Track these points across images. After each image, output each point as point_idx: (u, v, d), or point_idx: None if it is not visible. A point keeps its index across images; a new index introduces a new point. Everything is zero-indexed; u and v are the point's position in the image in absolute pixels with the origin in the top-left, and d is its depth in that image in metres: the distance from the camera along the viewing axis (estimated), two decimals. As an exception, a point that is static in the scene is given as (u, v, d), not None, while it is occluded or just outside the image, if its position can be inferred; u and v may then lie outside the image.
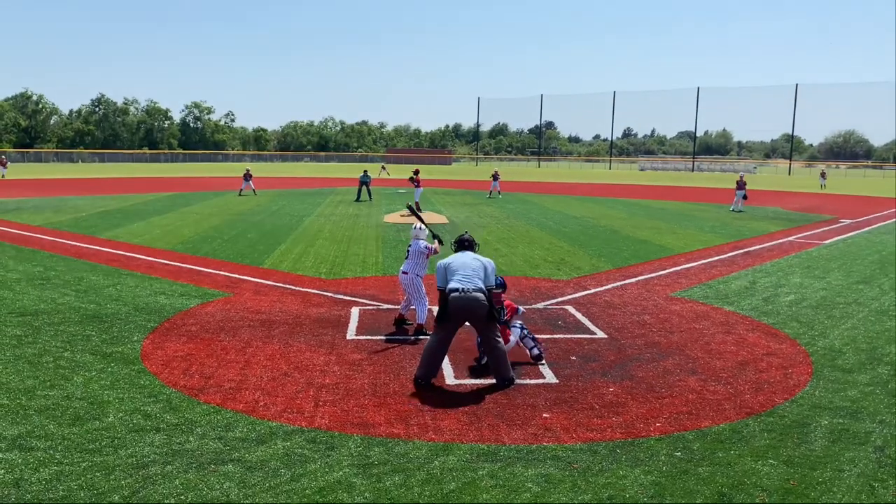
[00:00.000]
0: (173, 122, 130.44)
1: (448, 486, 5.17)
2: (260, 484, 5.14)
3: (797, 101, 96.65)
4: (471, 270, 7.46)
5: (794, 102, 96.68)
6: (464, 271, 7.45)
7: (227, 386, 7.24)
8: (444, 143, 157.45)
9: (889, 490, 5.21)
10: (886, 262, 16.35)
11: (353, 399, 6.92)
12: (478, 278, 7.42)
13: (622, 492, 5.13)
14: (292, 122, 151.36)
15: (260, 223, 23.06)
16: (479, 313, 7.33)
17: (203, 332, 9.34)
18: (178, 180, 52.28)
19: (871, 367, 8.25)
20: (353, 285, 12.72)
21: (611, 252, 17.48)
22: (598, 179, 66.76)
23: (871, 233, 22.91)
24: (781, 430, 6.32)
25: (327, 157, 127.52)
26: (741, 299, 11.96)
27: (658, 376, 7.80)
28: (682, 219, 27.03)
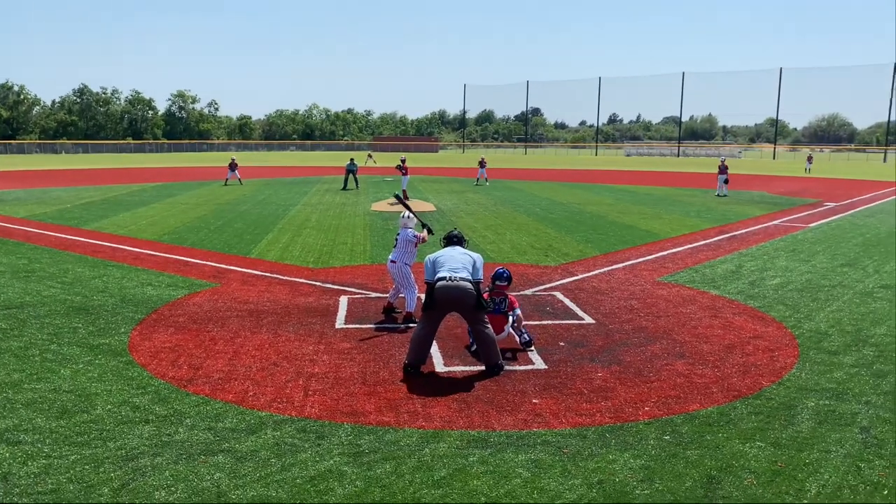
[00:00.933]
0: (157, 112, 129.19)
1: (439, 472, 5.19)
2: (250, 474, 5.14)
3: (782, 85, 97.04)
4: (459, 263, 7.49)
5: (778, 86, 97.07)
6: (451, 263, 7.48)
7: (215, 377, 7.21)
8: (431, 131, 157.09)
9: (875, 470, 5.28)
10: (870, 245, 16.50)
11: (343, 388, 6.92)
12: (465, 270, 7.43)
13: (612, 476, 5.17)
14: (277, 111, 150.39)
15: (246, 213, 22.93)
16: (466, 301, 7.34)
17: (191, 322, 9.29)
18: (163, 170, 51.86)
19: (857, 348, 8.33)
20: (341, 274, 12.69)
21: (598, 238, 17.53)
22: (584, 165, 66.85)
23: (854, 216, 23.10)
24: (768, 413, 6.38)
25: (313, 146, 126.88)
26: (727, 283, 12.04)
27: (646, 361, 7.84)
28: (668, 204, 27.13)
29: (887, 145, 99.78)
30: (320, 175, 46.22)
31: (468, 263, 7.51)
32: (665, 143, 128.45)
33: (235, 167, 36.77)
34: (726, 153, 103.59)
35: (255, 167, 54.33)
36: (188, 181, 39.42)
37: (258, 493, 4.86)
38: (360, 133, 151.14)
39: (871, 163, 79.92)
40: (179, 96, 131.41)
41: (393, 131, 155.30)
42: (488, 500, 4.81)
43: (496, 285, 8.25)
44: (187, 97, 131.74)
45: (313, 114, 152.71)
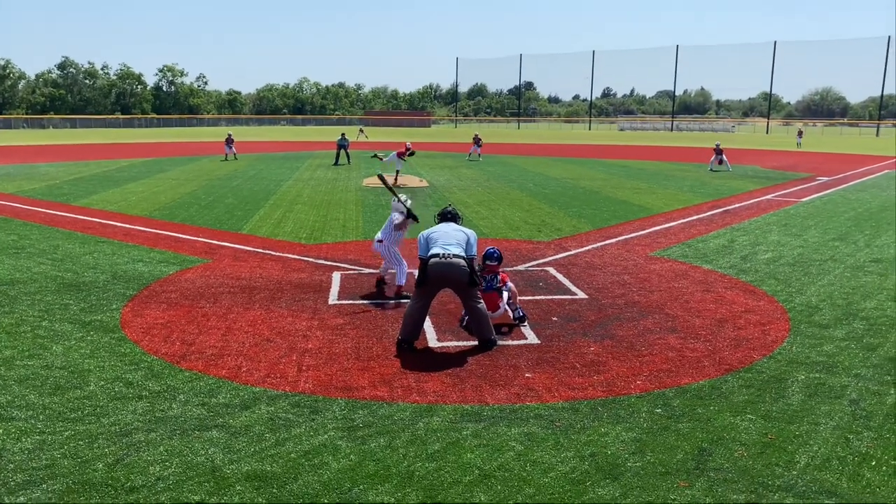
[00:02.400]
0: (146, 87, 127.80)
1: (432, 446, 5.22)
2: (245, 449, 5.15)
3: (775, 58, 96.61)
4: (452, 240, 7.46)
5: (772, 60, 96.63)
6: (444, 240, 7.45)
7: (208, 352, 7.21)
8: (423, 105, 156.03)
9: (863, 442, 5.34)
10: (862, 219, 16.57)
11: (337, 363, 6.93)
12: (458, 247, 7.41)
13: (604, 449, 5.21)
14: (267, 85, 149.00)
15: (237, 188, 22.80)
16: (459, 278, 7.33)
17: (183, 298, 9.27)
18: (153, 146, 51.44)
19: (847, 322, 8.40)
20: (333, 250, 12.67)
21: (591, 213, 17.53)
22: (577, 140, 66.67)
23: (846, 190, 23.16)
24: (759, 386, 6.44)
25: (304, 121, 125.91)
26: (720, 258, 12.08)
27: (638, 335, 7.88)
28: (661, 179, 27.12)
29: (880, 120, 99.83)
30: (311, 150, 45.96)
31: (461, 240, 7.49)
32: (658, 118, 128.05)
33: (232, 142, 36.57)
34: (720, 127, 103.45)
35: (246, 142, 53.94)
36: (178, 156, 39.12)
37: (252, 468, 4.88)
38: (352, 107, 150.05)
39: (863, 137, 79.97)
40: (168, 70, 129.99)
41: (385, 106, 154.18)
42: (482, 472, 4.84)
43: (486, 265, 8.28)
44: (176, 71, 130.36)
45: (303, 88, 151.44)
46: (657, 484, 4.72)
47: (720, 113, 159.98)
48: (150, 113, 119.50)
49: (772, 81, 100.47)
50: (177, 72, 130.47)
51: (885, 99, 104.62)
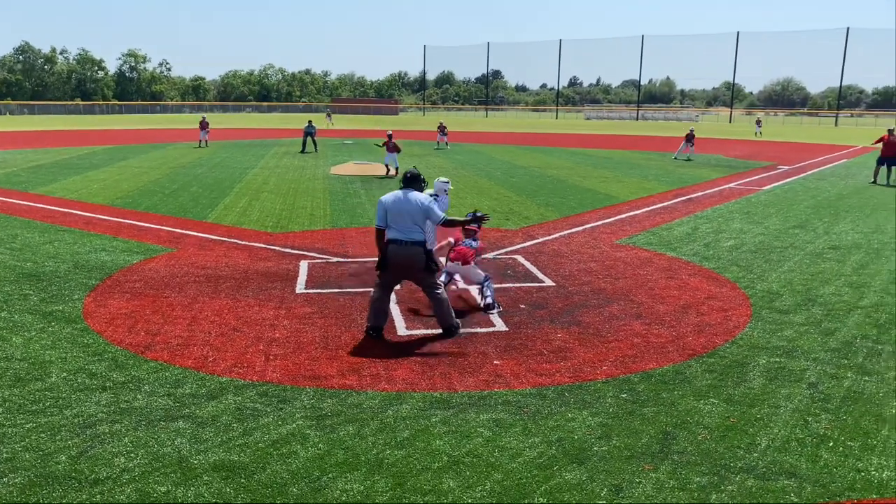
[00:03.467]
0: (107, 73, 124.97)
1: (401, 434, 5.24)
2: (212, 439, 5.12)
3: (738, 49, 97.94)
4: (409, 221, 7.22)
5: (735, 50, 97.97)
6: (402, 222, 7.23)
7: (174, 342, 7.12)
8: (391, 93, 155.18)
9: (822, 423, 5.49)
10: (821, 207, 16.95)
11: (305, 352, 6.91)
12: (416, 230, 7.25)
13: (571, 434, 5.28)
14: (231, 71, 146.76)
15: (202, 176, 22.48)
16: (415, 265, 7.29)
17: (147, 288, 9.14)
18: (115, 133, 50.41)
19: (806, 307, 8.60)
20: (300, 239, 12.58)
21: (558, 201, 17.65)
22: (545, 129, 66.96)
23: (806, 179, 23.65)
24: (722, 371, 6.57)
25: (270, 108, 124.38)
26: (683, 245, 12.26)
27: (604, 321, 7.98)
28: (626, 167, 27.39)
29: (839, 110, 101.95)
30: (277, 137, 45.45)
31: (419, 218, 7.23)
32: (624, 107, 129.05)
33: (207, 127, 35.99)
34: (684, 116, 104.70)
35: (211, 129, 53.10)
36: (141, 143, 38.40)
37: (220, 458, 4.85)
38: (318, 94, 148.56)
39: (823, 127, 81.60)
40: (130, 56, 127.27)
41: (352, 93, 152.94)
42: (450, 459, 4.88)
43: (467, 229, 8.66)
44: (139, 57, 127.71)
45: (269, 74, 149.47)
46: (623, 468, 4.80)
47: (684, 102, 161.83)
48: (112, 99, 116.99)
49: (735, 71, 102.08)
50: (139, 57, 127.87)
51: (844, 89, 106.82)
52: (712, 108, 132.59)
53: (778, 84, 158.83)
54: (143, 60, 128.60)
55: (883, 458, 4.95)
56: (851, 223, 14.73)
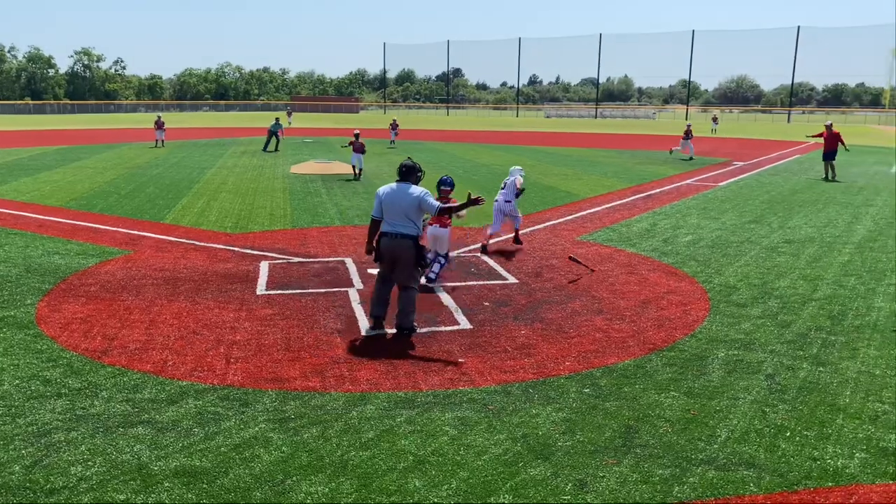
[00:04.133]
0: (58, 71, 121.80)
1: (366, 434, 5.21)
2: (172, 444, 5.02)
3: (694, 47, 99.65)
4: (402, 214, 7.26)
5: (690, 49, 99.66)
6: (395, 215, 7.28)
7: (132, 347, 6.97)
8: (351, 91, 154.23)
9: (779, 414, 5.62)
10: (775, 202, 17.34)
11: (266, 354, 6.82)
12: (408, 224, 7.27)
13: (535, 430, 5.31)
14: (187, 70, 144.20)
15: (159, 177, 22.06)
16: (405, 257, 7.30)
17: (103, 291, 8.93)
18: (67, 133, 49.16)
19: (763, 300, 8.79)
20: (260, 239, 12.42)
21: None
22: (505, 127, 67.26)
23: (761, 174, 24.18)
24: (682, 364, 6.67)
25: (227, 106, 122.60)
26: (643, 241, 12.44)
27: (566, 317, 8.05)
28: (586, 165, 27.67)
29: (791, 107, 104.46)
30: (236, 136, 44.84)
31: (412, 212, 7.26)
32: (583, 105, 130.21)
33: (163, 126, 35.24)
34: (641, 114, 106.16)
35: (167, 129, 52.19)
36: (95, 144, 37.52)
37: (181, 464, 4.76)
38: (277, 93, 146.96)
39: (776, 123, 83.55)
40: (84, 54, 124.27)
41: (311, 91, 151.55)
42: (416, 458, 4.86)
43: (441, 190, 9.62)
44: (92, 55, 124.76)
45: (226, 72, 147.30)
46: (587, 462, 4.84)
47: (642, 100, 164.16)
48: (64, 98, 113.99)
49: (690, 69, 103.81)
50: (93, 56, 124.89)
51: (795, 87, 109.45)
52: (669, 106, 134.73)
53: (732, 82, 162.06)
54: (97, 59, 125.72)
55: (838, 446, 5.08)
56: (805, 217, 15.10)
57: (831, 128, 23.01)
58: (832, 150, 22.68)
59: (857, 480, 4.63)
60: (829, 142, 22.75)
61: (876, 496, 4.46)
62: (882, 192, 19.72)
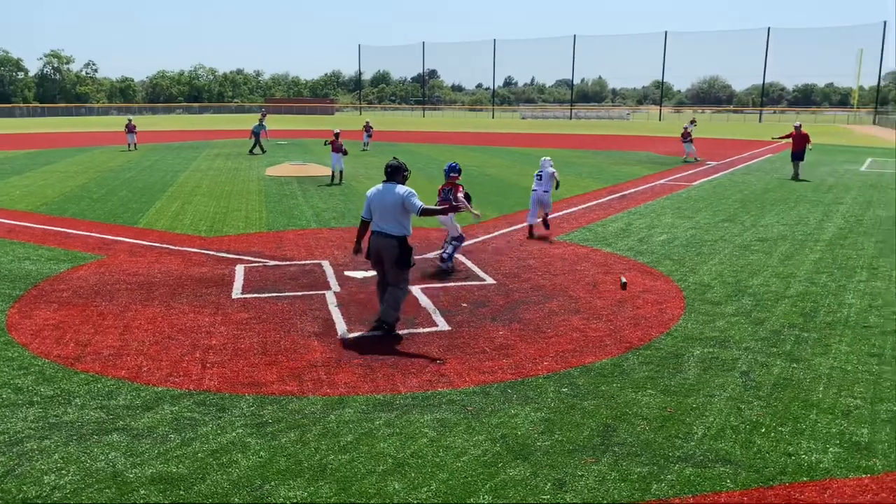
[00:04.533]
0: (28, 74, 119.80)
1: (345, 438, 5.18)
2: (148, 451, 4.96)
3: (667, 48, 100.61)
4: (387, 214, 7.35)
5: (663, 50, 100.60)
6: (381, 215, 7.39)
7: (106, 353, 6.88)
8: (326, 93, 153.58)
9: (754, 410, 5.69)
10: (748, 201, 17.57)
11: (243, 359, 6.76)
12: (393, 224, 7.33)
13: (514, 430, 5.33)
14: (160, 72, 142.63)
15: (132, 180, 21.79)
16: (389, 256, 7.35)
17: (76, 297, 8.79)
18: (37, 136, 48.37)
19: (737, 298, 8.89)
20: (236, 242, 12.32)
21: (497, 200, 17.78)
22: (482, 128, 67.40)
23: (733, 174, 24.48)
24: (658, 362, 6.73)
25: (201, 109, 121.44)
26: (618, 241, 12.53)
27: (544, 317, 8.08)
28: (562, 166, 27.78)
29: (762, 106, 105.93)
30: (210, 139, 44.44)
31: (397, 211, 7.32)
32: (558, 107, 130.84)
33: (134, 130, 34.65)
34: (616, 115, 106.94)
35: (140, 132, 51.57)
36: (66, 147, 36.96)
37: (157, 471, 4.70)
38: (251, 95, 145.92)
39: (748, 123, 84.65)
40: (54, 56, 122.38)
41: (286, 93, 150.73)
42: (395, 461, 4.85)
43: (449, 176, 10.38)
44: (62, 58, 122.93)
45: (199, 75, 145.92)
46: (566, 461, 4.86)
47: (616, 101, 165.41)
48: (33, 102, 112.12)
49: (663, 70, 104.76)
50: (63, 58, 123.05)
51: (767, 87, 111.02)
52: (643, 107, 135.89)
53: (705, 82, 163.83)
54: (67, 61, 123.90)
55: (812, 441, 5.16)
56: (777, 216, 15.32)
57: (800, 128, 23.33)
58: (801, 150, 22.95)
59: (831, 475, 4.71)
60: (798, 142, 23.01)
61: (849, 490, 4.53)
62: (851, 189, 20.07)
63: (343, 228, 13.72)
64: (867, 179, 22.86)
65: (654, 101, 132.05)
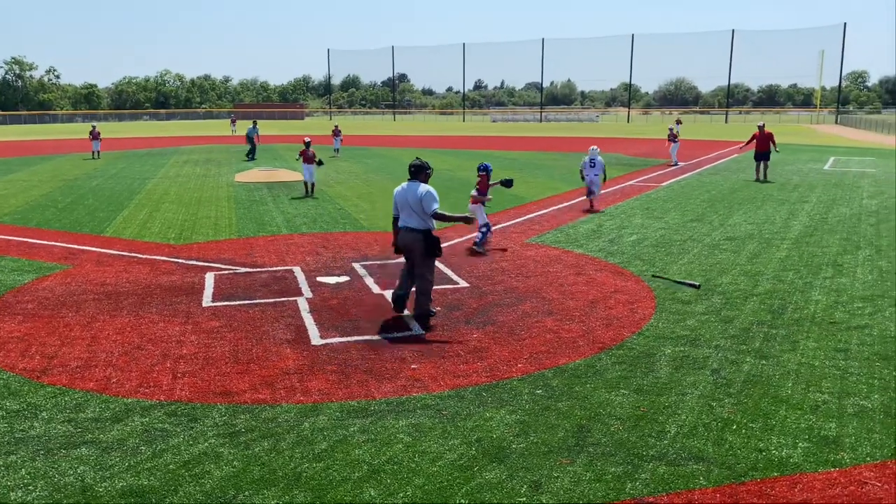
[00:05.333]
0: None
1: (319, 445, 5.14)
2: (118, 464, 4.87)
3: (634, 50, 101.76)
4: (411, 211, 7.93)
5: (630, 52, 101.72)
6: (407, 212, 7.99)
7: (73, 365, 6.74)
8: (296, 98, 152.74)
9: (725, 408, 5.76)
10: (715, 201, 17.82)
11: (214, 368, 6.68)
12: (416, 219, 7.91)
13: (489, 433, 5.33)
14: (126, 78, 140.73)
15: (98, 188, 21.44)
16: (416, 249, 7.96)
17: (41, 308, 8.62)
18: (-1, 145, 47.35)
19: (706, 297, 9.01)
20: (205, 250, 12.18)
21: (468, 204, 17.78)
22: (452, 132, 67.52)
23: (701, 174, 24.81)
24: (631, 362, 6.79)
25: (168, 115, 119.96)
26: (589, 242, 12.62)
27: (518, 319, 8.10)
28: (533, 168, 27.96)
29: (728, 107, 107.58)
30: (178, 146, 43.90)
31: (417, 207, 7.86)
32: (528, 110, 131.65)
33: (98, 136, 34.03)
34: (585, 117, 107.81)
35: (106, 139, 50.76)
36: (29, 156, 36.25)
37: (128, 484, 4.62)
38: (220, 100, 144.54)
39: (714, 124, 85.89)
40: (15, 63, 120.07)
41: (255, 98, 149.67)
42: (371, 468, 4.82)
43: (480, 175, 12.49)
44: (24, 64, 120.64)
45: (166, 81, 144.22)
46: (541, 463, 4.88)
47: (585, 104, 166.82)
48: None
49: (631, 72, 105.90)
50: (24, 65, 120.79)
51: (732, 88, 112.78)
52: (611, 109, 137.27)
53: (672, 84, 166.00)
54: (30, 68, 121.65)
55: (782, 437, 5.24)
56: (744, 215, 15.55)
57: (763, 128, 23.06)
58: (765, 151, 22.61)
59: (801, 469, 4.78)
60: (761, 142, 22.65)
61: (819, 483, 4.60)
62: (816, 188, 20.46)
63: (314, 234, 13.64)
64: (831, 178, 23.32)
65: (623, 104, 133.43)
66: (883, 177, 23.69)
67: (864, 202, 17.53)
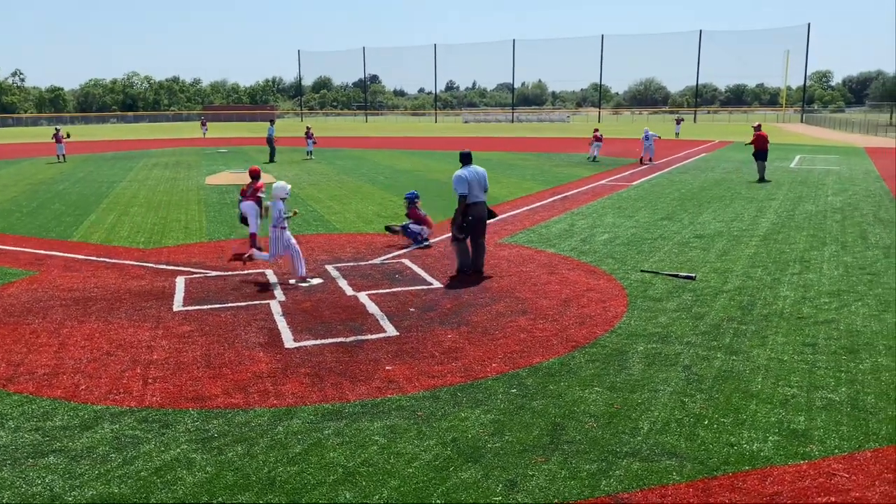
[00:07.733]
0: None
1: (294, 449, 5.10)
2: (88, 472, 4.78)
3: (604, 51, 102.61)
4: (481, 187, 10.03)
5: (600, 53, 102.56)
6: (477, 188, 9.96)
7: (40, 372, 6.62)
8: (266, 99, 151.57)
9: (697, 403, 5.83)
10: (685, 199, 18.03)
11: (186, 373, 6.60)
12: (483, 194, 10.09)
13: (465, 433, 5.33)
14: (92, 80, 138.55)
15: (65, 192, 21.07)
16: (485, 217, 10.16)
17: (6, 315, 8.44)
18: (-39, 149, 46.31)
19: (677, 294, 9.11)
20: (175, 254, 12.03)
21: (442, 204, 17.78)
22: (424, 133, 67.48)
23: (671, 173, 25.10)
24: (604, 360, 6.84)
25: (136, 118, 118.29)
26: (562, 241, 12.70)
27: (491, 319, 8.12)
28: (505, 168, 28.05)
29: (696, 107, 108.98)
30: (147, 149, 43.31)
31: (484, 184, 10.10)
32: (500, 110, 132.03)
33: (62, 140, 33.32)
34: (556, 118, 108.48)
35: (72, 142, 49.91)
36: (-8, 160, 35.49)
37: (98, 492, 4.54)
38: (189, 103, 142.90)
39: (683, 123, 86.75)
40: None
41: (225, 100, 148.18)
42: (346, 470, 4.80)
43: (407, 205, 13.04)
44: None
45: (133, 83, 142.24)
46: (516, 462, 4.89)
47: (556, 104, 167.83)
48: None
49: (601, 73, 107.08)
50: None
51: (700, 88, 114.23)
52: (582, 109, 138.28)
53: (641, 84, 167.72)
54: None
55: (752, 431, 5.31)
56: (713, 213, 15.76)
57: (759, 128, 22.89)
58: (763, 151, 22.46)
59: (772, 462, 4.85)
60: (760, 142, 22.46)
61: (789, 476, 4.68)
62: (783, 186, 20.80)
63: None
64: (797, 176, 23.74)
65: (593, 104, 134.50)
66: (847, 174, 24.18)
67: (830, 199, 17.88)
